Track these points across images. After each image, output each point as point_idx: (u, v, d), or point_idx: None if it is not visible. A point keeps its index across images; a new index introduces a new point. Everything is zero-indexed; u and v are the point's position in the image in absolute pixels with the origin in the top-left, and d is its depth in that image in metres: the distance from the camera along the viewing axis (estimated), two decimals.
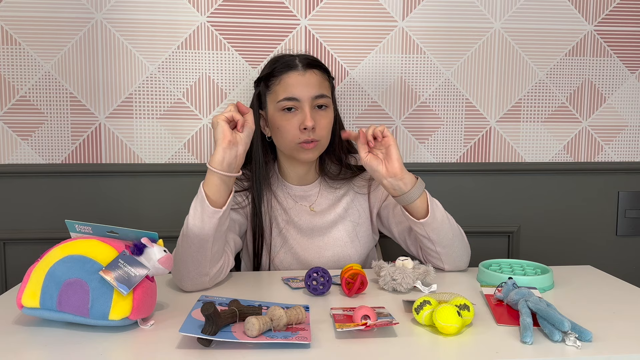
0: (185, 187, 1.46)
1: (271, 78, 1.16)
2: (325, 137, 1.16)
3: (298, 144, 1.13)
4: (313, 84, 1.13)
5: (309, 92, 1.12)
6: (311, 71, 1.14)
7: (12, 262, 1.44)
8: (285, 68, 1.14)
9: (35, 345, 0.74)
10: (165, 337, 0.76)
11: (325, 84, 1.17)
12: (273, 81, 1.15)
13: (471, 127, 1.53)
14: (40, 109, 1.41)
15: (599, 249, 1.61)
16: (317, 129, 1.13)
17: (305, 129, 1.11)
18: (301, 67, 1.14)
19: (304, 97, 1.12)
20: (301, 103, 1.12)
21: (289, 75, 1.13)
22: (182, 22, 1.41)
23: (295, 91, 1.12)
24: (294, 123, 1.12)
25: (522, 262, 1.12)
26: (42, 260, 0.81)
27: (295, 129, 1.12)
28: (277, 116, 1.14)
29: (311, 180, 1.24)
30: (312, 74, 1.14)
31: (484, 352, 0.72)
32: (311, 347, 0.73)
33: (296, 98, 1.12)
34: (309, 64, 1.15)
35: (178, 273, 0.99)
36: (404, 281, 0.97)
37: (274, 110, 1.15)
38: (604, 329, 0.79)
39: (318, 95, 1.13)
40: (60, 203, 1.44)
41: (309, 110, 1.12)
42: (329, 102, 1.16)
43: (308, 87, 1.13)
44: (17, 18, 1.37)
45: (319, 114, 1.14)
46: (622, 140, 1.59)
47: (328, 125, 1.16)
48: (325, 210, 1.21)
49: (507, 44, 1.51)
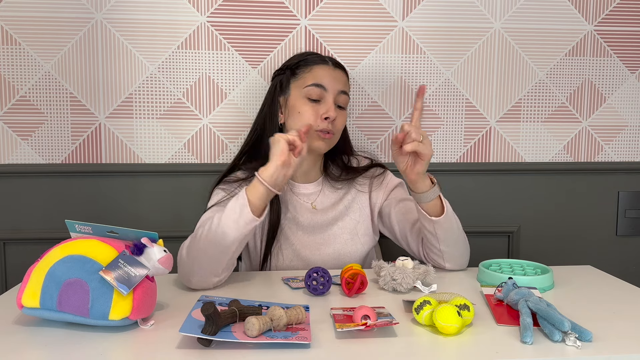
0: (185, 187, 1.46)
1: (301, 67, 1.21)
2: (338, 133, 1.21)
3: (315, 131, 1.16)
4: (340, 80, 1.20)
5: (337, 85, 1.18)
6: (340, 70, 1.22)
7: (12, 262, 1.44)
8: (317, 60, 1.21)
9: (35, 345, 0.74)
10: (165, 337, 0.76)
11: (348, 85, 1.24)
12: (303, 69, 1.20)
13: (471, 127, 1.53)
14: (40, 109, 1.41)
15: (599, 249, 1.61)
16: (335, 123, 1.18)
17: (326, 119, 1.15)
18: (331, 63, 1.21)
19: (331, 88, 1.17)
20: (327, 93, 1.17)
21: (320, 67, 1.19)
22: (182, 22, 1.41)
23: (325, 80, 1.17)
24: (317, 111, 1.17)
25: (522, 262, 1.12)
26: (42, 260, 0.81)
27: (316, 115, 1.16)
28: (301, 101, 1.18)
29: (314, 179, 1.25)
30: (341, 73, 1.22)
31: (484, 352, 0.72)
32: (311, 347, 0.73)
33: (324, 86, 1.17)
34: (338, 65, 1.22)
35: (188, 268, 0.99)
36: (404, 281, 0.97)
37: (298, 95, 1.19)
38: (604, 329, 0.79)
39: (343, 91, 1.19)
40: (60, 203, 1.44)
41: (332, 103, 1.17)
42: (347, 103, 1.22)
43: (336, 80, 1.19)
44: (17, 18, 1.37)
45: (338, 112, 1.19)
46: (622, 140, 1.59)
47: (343, 124, 1.21)
48: (327, 208, 1.22)
49: (507, 44, 1.51)
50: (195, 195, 1.45)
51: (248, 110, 1.46)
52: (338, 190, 1.25)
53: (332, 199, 1.23)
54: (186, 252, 1.01)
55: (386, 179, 1.27)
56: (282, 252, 1.19)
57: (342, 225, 1.22)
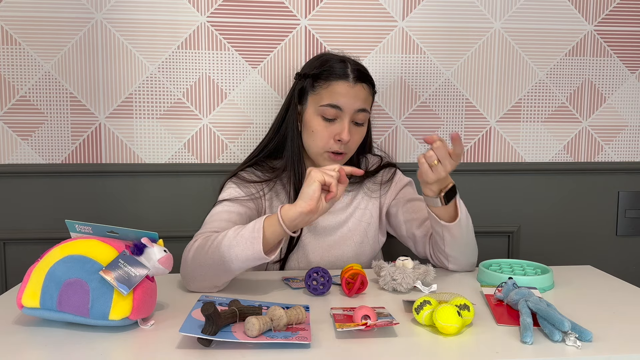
0: (185, 187, 1.46)
1: (319, 80, 1.14)
2: (352, 151, 1.18)
3: (326, 152, 1.14)
4: (359, 97, 1.13)
5: (354, 104, 1.12)
6: (361, 85, 1.14)
7: (12, 262, 1.44)
8: (336, 75, 1.13)
9: (35, 345, 0.74)
10: (165, 337, 0.76)
11: (369, 99, 1.17)
12: (320, 84, 1.14)
13: (471, 127, 1.53)
14: (40, 109, 1.41)
15: (599, 249, 1.61)
16: (349, 143, 1.14)
17: (339, 141, 1.12)
18: (352, 78, 1.13)
19: (348, 109, 1.12)
20: (343, 113, 1.12)
21: (338, 84, 1.12)
22: (182, 22, 1.41)
23: (342, 100, 1.11)
24: (330, 131, 1.13)
25: (522, 262, 1.12)
26: (42, 260, 0.81)
27: (329, 137, 1.13)
28: (315, 120, 1.14)
29: None
30: (361, 88, 1.14)
31: (484, 352, 0.72)
32: (311, 347, 0.73)
33: (340, 107, 1.12)
34: (360, 77, 1.14)
35: (190, 274, 0.97)
36: (404, 281, 0.97)
37: (314, 113, 1.14)
38: (604, 329, 0.79)
39: (361, 109, 1.13)
40: (60, 203, 1.44)
41: (348, 123, 1.12)
42: (366, 119, 1.17)
43: (354, 99, 1.12)
44: (17, 18, 1.37)
45: (354, 129, 1.15)
46: (622, 140, 1.59)
47: (359, 141, 1.18)
48: (337, 211, 1.22)
49: (507, 44, 1.51)
50: (196, 195, 1.45)
51: (248, 110, 1.46)
52: (348, 192, 1.24)
53: (342, 202, 1.23)
54: (191, 259, 0.97)
55: (395, 178, 1.27)
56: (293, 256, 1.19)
57: (352, 227, 1.22)
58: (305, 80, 1.17)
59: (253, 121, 1.46)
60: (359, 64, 1.18)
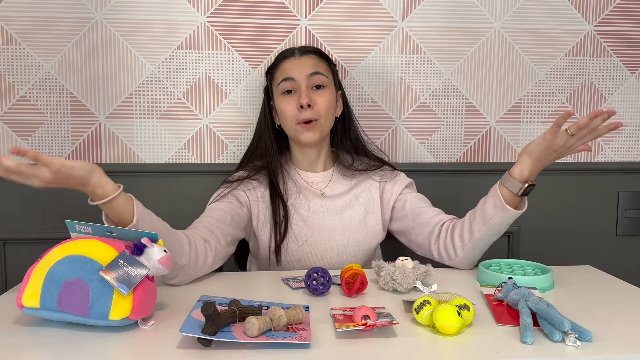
0: (185, 187, 1.46)
1: (273, 68, 1.25)
2: (325, 115, 1.19)
3: (297, 124, 1.18)
4: (308, 64, 1.20)
5: (304, 70, 1.19)
6: (307, 55, 1.22)
7: (12, 262, 1.44)
8: (283, 57, 1.24)
9: (35, 345, 0.74)
10: (165, 337, 0.76)
11: (322, 64, 1.23)
12: (275, 70, 1.24)
13: (471, 127, 1.53)
14: (40, 109, 1.41)
15: (599, 249, 1.61)
16: (316, 107, 1.18)
17: (302, 107, 1.16)
18: (298, 53, 1.23)
19: (299, 76, 1.19)
20: (298, 83, 1.19)
21: (286, 61, 1.22)
22: (182, 22, 1.41)
23: (291, 72, 1.19)
24: (292, 103, 1.19)
25: (522, 262, 1.12)
26: (42, 260, 0.81)
27: (293, 108, 1.18)
28: (279, 100, 1.21)
29: (323, 169, 1.27)
30: (308, 57, 1.22)
31: (484, 352, 0.72)
32: (311, 347, 0.73)
33: (292, 77, 1.19)
34: (306, 51, 1.24)
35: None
36: (404, 281, 0.97)
37: (277, 95, 1.22)
38: (604, 329, 0.79)
39: (313, 72, 1.19)
40: (60, 203, 1.43)
41: (305, 88, 1.18)
42: (326, 81, 1.21)
43: (302, 66, 1.20)
44: (17, 18, 1.37)
45: (316, 93, 1.19)
46: (622, 140, 1.59)
47: (326, 104, 1.19)
48: (336, 195, 1.25)
49: (507, 44, 1.51)
50: (195, 195, 1.45)
51: (248, 110, 1.46)
52: (349, 179, 1.27)
53: (342, 188, 1.26)
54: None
55: (400, 176, 1.29)
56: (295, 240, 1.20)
57: (352, 214, 1.24)
58: (267, 77, 1.29)
59: (253, 121, 1.46)
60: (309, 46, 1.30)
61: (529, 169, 1.04)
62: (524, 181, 1.04)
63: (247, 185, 1.23)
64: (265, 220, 1.22)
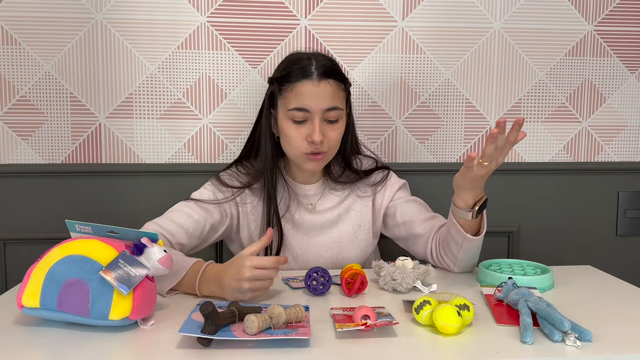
0: (185, 187, 1.46)
1: (284, 83, 1.12)
2: (334, 148, 1.14)
3: (304, 154, 1.12)
4: (326, 95, 1.09)
5: (321, 104, 1.09)
6: (326, 81, 1.09)
7: (12, 262, 1.44)
8: (299, 75, 1.09)
9: (35, 345, 0.74)
10: (165, 337, 0.76)
11: (339, 94, 1.12)
12: (286, 87, 1.11)
13: (471, 127, 1.53)
14: (40, 109, 1.41)
15: (599, 249, 1.61)
16: (326, 142, 1.11)
17: (312, 142, 1.09)
18: (316, 75, 1.09)
19: (315, 109, 1.09)
20: (311, 114, 1.09)
21: (302, 84, 1.09)
22: (182, 22, 1.41)
23: (307, 102, 1.08)
24: (302, 133, 1.10)
25: (522, 262, 1.12)
26: (42, 260, 0.81)
27: (302, 139, 1.10)
28: (286, 124, 1.12)
29: (315, 180, 1.23)
30: (327, 85, 1.09)
31: (484, 352, 0.72)
32: (311, 346, 0.73)
33: (307, 109, 1.09)
34: (325, 73, 1.09)
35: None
36: (404, 281, 0.97)
37: (284, 117, 1.12)
38: (604, 329, 0.79)
39: (330, 108, 1.10)
40: (60, 203, 1.44)
41: (318, 123, 1.09)
42: (341, 115, 1.13)
43: (320, 98, 1.08)
44: (17, 18, 1.37)
45: (328, 128, 1.11)
46: (622, 140, 1.59)
47: (337, 138, 1.13)
48: (327, 210, 1.21)
49: (507, 44, 1.51)
50: None
51: (248, 110, 1.46)
52: (339, 192, 1.23)
53: (333, 201, 1.22)
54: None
55: (390, 181, 1.25)
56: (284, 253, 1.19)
57: (342, 228, 1.21)
58: (274, 85, 1.15)
59: (253, 121, 1.45)
60: (326, 58, 1.14)
61: (469, 197, 1.03)
62: (471, 207, 1.04)
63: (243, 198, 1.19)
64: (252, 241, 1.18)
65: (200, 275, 0.95)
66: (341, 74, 1.14)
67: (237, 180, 1.19)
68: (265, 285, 0.92)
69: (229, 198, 1.17)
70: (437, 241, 1.14)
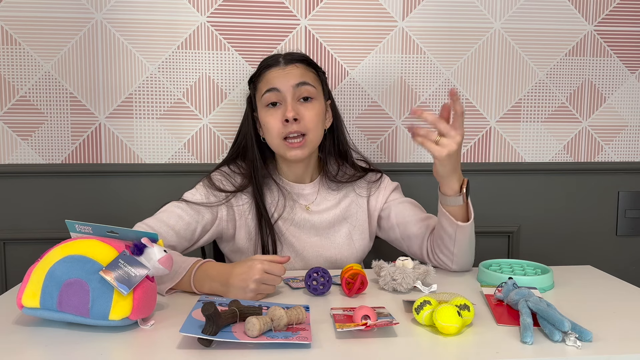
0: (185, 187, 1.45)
1: (256, 77, 1.17)
2: (313, 130, 1.12)
3: (283, 140, 1.11)
4: (294, 74, 1.12)
5: (289, 81, 1.11)
6: (293, 65, 1.14)
7: (12, 262, 1.44)
8: (267, 65, 1.15)
9: (35, 345, 0.74)
10: (166, 337, 0.76)
11: (309, 74, 1.14)
12: (258, 79, 1.16)
13: (471, 127, 1.53)
14: (40, 109, 1.41)
15: (599, 249, 1.61)
16: (303, 122, 1.10)
17: (287, 121, 1.09)
18: (283, 62, 1.14)
19: (284, 87, 1.11)
20: (283, 94, 1.11)
21: (271, 71, 1.13)
22: (182, 22, 1.41)
23: (276, 81, 1.11)
24: (277, 116, 1.11)
25: (522, 262, 1.12)
26: (42, 260, 0.81)
27: (278, 122, 1.10)
28: (263, 113, 1.13)
29: (310, 179, 1.23)
30: (294, 67, 1.13)
31: (484, 352, 0.72)
32: (311, 347, 0.73)
33: (276, 88, 1.11)
34: (292, 59, 1.14)
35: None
36: (404, 281, 0.97)
37: (261, 108, 1.14)
38: (604, 329, 0.79)
39: (299, 82, 1.11)
40: (60, 203, 1.44)
41: (291, 100, 1.10)
42: (314, 92, 1.12)
43: (288, 77, 1.11)
44: (17, 18, 1.37)
45: (303, 106, 1.11)
46: (622, 140, 1.59)
47: (314, 117, 1.11)
48: (323, 211, 1.21)
49: (507, 44, 1.51)
50: None
51: None
52: (334, 192, 1.22)
53: (329, 202, 1.22)
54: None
55: (384, 183, 1.25)
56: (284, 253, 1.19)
57: (339, 230, 1.21)
58: (250, 86, 1.20)
59: None
60: (296, 52, 1.19)
61: (454, 180, 1.04)
62: (459, 192, 1.05)
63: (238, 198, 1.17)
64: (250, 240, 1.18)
65: (196, 271, 0.95)
66: (311, 61, 1.17)
67: (230, 182, 1.18)
68: (269, 289, 0.94)
69: (222, 201, 1.16)
70: (432, 239, 1.14)
